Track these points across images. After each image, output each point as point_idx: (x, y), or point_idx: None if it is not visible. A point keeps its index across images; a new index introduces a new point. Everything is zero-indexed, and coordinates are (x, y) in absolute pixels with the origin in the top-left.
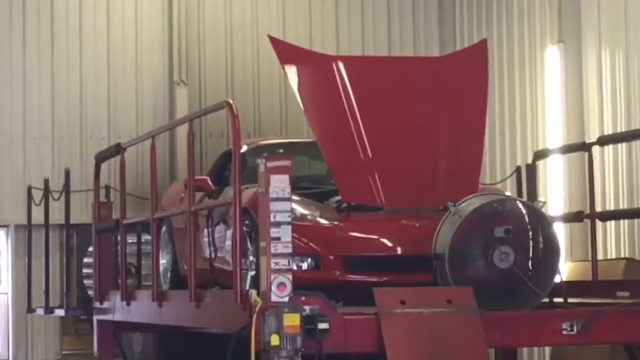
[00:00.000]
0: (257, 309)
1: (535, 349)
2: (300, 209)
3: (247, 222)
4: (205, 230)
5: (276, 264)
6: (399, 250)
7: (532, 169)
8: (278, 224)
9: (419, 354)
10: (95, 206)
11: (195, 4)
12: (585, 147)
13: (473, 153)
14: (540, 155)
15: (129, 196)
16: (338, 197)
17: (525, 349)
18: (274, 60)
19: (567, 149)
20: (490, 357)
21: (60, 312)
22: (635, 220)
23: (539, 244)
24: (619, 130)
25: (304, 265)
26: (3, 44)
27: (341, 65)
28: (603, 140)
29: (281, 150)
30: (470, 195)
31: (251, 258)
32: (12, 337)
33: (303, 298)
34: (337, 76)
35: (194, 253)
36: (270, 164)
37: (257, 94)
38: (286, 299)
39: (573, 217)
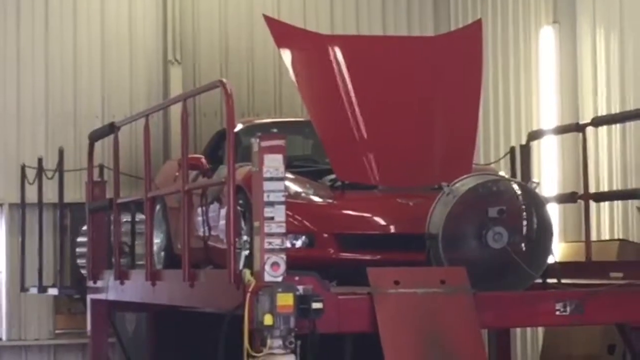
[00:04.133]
0: (250, 289)
1: (529, 329)
2: (294, 187)
3: (241, 201)
4: (199, 209)
5: (270, 243)
6: (392, 228)
7: (526, 150)
8: (272, 204)
9: (413, 334)
10: (89, 185)
11: None
12: (579, 128)
13: (467, 133)
14: (534, 135)
15: (122, 175)
16: (332, 176)
17: (518, 330)
18: (269, 40)
19: (561, 130)
20: (484, 337)
21: (53, 291)
22: (629, 202)
23: (532, 225)
24: (613, 111)
25: (298, 243)
26: None
27: (336, 45)
28: (597, 121)
29: (275, 130)
30: (464, 176)
31: (245, 237)
32: (5, 316)
33: (297, 278)
34: (332, 55)
35: (187, 232)
36: (264, 144)
37: (251, 73)
38: (280, 279)
39: (567, 198)
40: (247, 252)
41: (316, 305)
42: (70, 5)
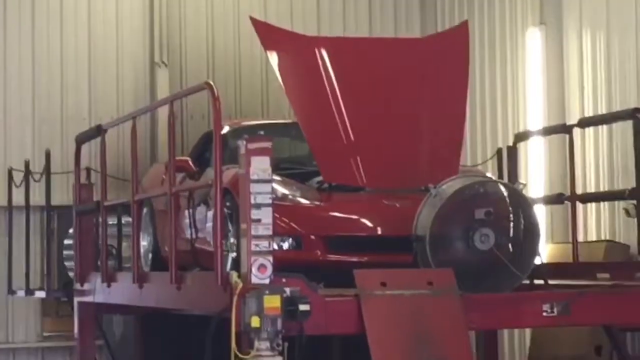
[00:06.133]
0: (237, 291)
1: (516, 330)
2: (281, 189)
3: (228, 203)
4: (186, 211)
5: (257, 245)
6: (379, 230)
7: (512, 151)
8: (258, 206)
9: (400, 335)
10: (76, 188)
11: None
12: (566, 129)
13: (454, 135)
14: (521, 137)
15: (109, 178)
16: (320, 178)
17: (505, 331)
18: (256, 41)
19: (548, 131)
20: (471, 339)
21: (41, 294)
22: (616, 203)
23: (519, 226)
24: (599, 112)
25: (285, 245)
26: None
27: (322, 46)
28: (584, 122)
29: (262, 132)
30: (451, 177)
31: (232, 240)
32: None
33: (284, 280)
34: (319, 57)
35: (175, 235)
36: (251, 146)
37: (238, 75)
38: (267, 281)
39: (554, 199)
40: (234, 255)
41: (303, 307)
42: (57, 8)
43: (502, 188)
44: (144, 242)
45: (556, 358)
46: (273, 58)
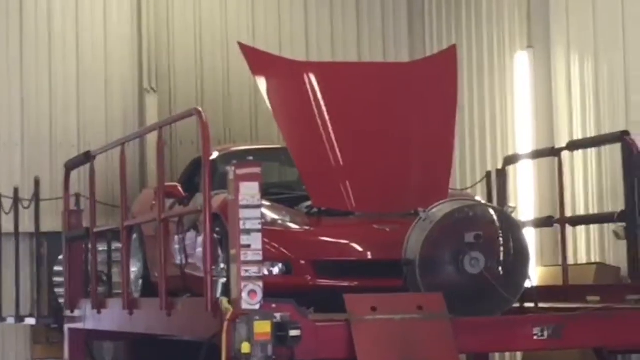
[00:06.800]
0: (227, 317)
1: (507, 354)
2: (270, 214)
3: (217, 229)
4: (176, 237)
5: (247, 271)
6: (369, 255)
7: (502, 174)
8: (248, 232)
9: None
10: (65, 214)
11: (164, 11)
12: (555, 152)
13: (443, 158)
14: (510, 160)
15: (99, 204)
16: (309, 203)
17: (496, 354)
18: (244, 67)
19: (537, 154)
20: None
21: (31, 321)
22: (605, 225)
23: (509, 249)
24: (588, 135)
25: (275, 271)
26: None
27: (311, 72)
28: (572, 145)
29: (251, 157)
30: (441, 201)
31: (222, 265)
32: None
33: (274, 305)
34: (307, 82)
35: (164, 260)
36: (240, 172)
37: (227, 101)
38: (257, 307)
39: (543, 222)
40: (224, 280)
41: (294, 332)
42: (46, 35)
43: (492, 211)
44: (134, 268)
45: None
46: (262, 83)
